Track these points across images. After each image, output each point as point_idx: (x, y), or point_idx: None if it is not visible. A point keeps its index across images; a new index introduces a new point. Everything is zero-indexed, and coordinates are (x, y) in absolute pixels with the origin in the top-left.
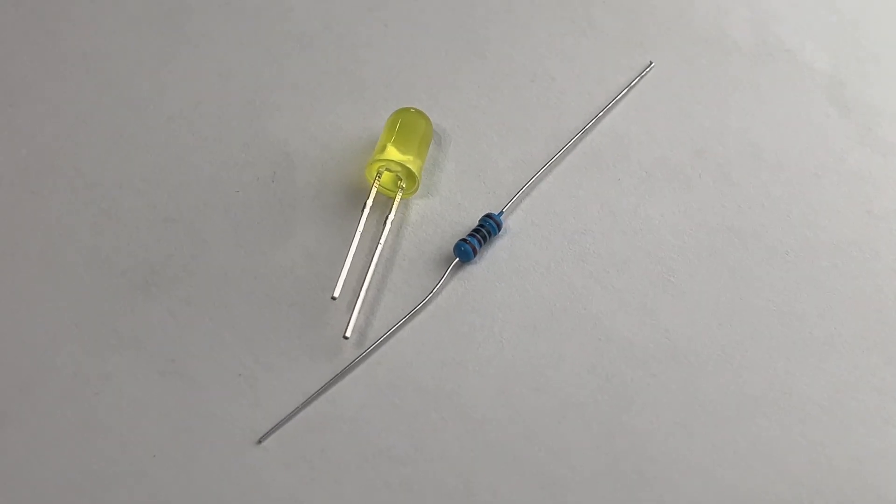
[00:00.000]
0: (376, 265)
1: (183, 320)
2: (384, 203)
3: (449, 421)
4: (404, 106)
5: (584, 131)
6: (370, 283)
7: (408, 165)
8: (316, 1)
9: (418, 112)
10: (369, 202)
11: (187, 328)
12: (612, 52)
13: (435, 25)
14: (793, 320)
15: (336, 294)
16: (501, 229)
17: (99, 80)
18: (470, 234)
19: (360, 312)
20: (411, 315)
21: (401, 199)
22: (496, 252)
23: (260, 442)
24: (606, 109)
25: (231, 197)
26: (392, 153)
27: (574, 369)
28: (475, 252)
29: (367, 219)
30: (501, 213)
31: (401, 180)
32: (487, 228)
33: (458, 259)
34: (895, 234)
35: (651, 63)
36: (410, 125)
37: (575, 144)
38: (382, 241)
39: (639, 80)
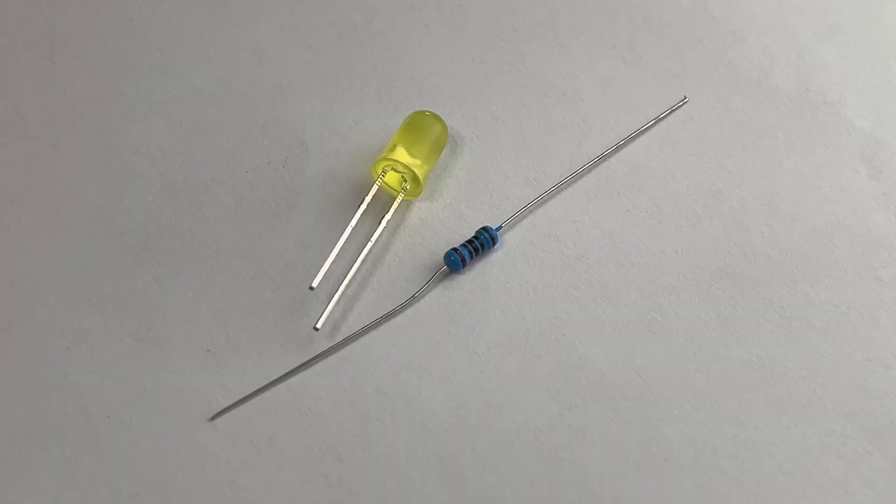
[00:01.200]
0: (362, 262)
1: (166, 289)
2: (387, 201)
3: (401, 427)
4: (427, 108)
5: (602, 158)
6: (353, 278)
7: (413, 169)
8: None
9: (434, 116)
10: (368, 198)
11: (168, 297)
12: (648, 81)
13: (476, 33)
14: (773, 377)
15: (314, 284)
16: (496, 244)
17: (138, 46)
18: (462, 245)
19: (337, 306)
20: (387, 316)
21: (403, 200)
22: (488, 265)
23: (212, 419)
24: (629, 139)
25: (239, 176)
26: (400, 154)
27: (538, 393)
28: (464, 263)
29: (366, 216)
30: (500, 227)
31: (405, 182)
32: (481, 241)
33: (446, 267)
34: None
35: (685, 98)
36: (424, 128)
37: (590, 169)
38: (374, 239)
39: (669, 113)
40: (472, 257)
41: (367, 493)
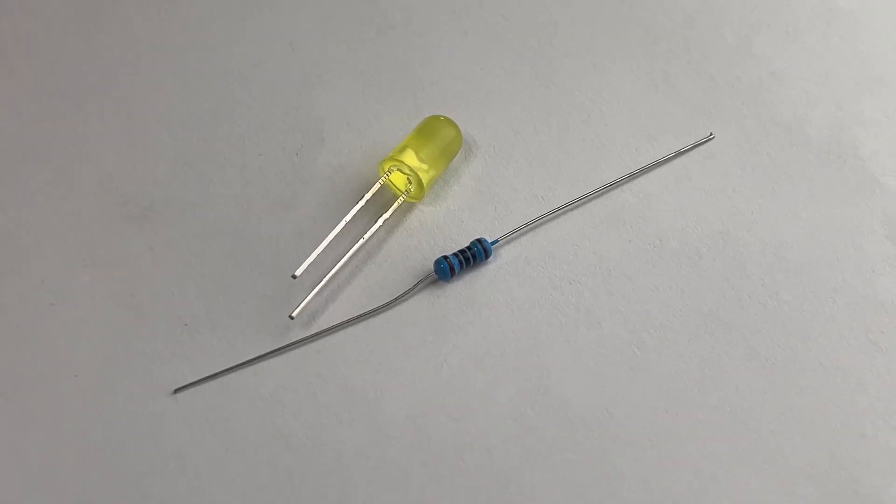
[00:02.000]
0: (350, 258)
1: (158, 259)
2: (391, 201)
3: (357, 426)
4: (450, 113)
5: (614, 185)
6: (339, 273)
7: (418, 173)
8: None
9: (449, 122)
10: (368, 195)
11: (158, 268)
12: (677, 113)
13: (512, 44)
14: (742, 428)
15: (297, 273)
16: (489, 257)
17: (181, 20)
18: (454, 254)
19: (319, 299)
20: (367, 315)
21: (405, 202)
22: (477, 277)
23: (175, 392)
24: (645, 169)
25: (252, 159)
26: (408, 156)
27: (499, 411)
28: (453, 272)
29: (367, 214)
30: (496, 241)
31: (410, 184)
32: (473, 252)
33: (434, 274)
34: (891, 372)
35: (711, 134)
36: (437, 134)
37: (600, 195)
38: (366, 236)
39: (692, 147)
40: (461, 268)
41: (308, 486)
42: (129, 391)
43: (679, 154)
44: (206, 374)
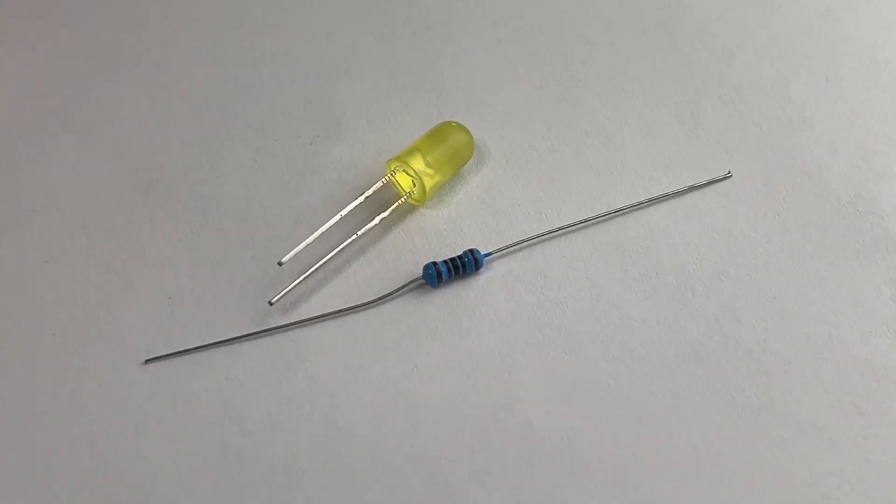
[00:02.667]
0: (340, 251)
1: (156, 231)
2: (394, 199)
3: (315, 419)
4: (471, 121)
5: (620, 212)
6: (327, 265)
7: (422, 176)
8: None
9: (462, 130)
10: (369, 192)
11: (154, 239)
12: (698, 147)
13: (544, 59)
14: (704, 472)
15: (283, 260)
16: (480, 268)
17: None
18: (445, 261)
19: (304, 289)
20: (347, 311)
21: (407, 204)
22: (467, 287)
23: (145, 363)
24: (656, 199)
25: (267, 143)
26: (415, 158)
27: (459, 425)
28: (440, 279)
29: (368, 211)
30: (489, 254)
31: (414, 186)
32: (464, 262)
33: (422, 278)
34: (867, 438)
35: (729, 173)
36: (448, 140)
37: (604, 220)
38: (360, 232)
39: (707, 184)
40: (450, 275)
41: (255, 472)
42: (102, 356)
43: (693, 189)
44: (179, 349)
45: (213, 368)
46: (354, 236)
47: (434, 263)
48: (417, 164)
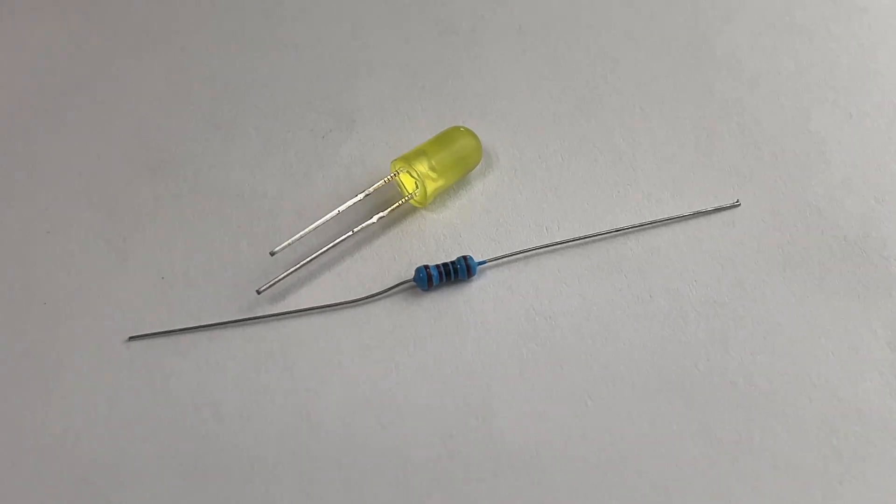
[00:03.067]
0: (333, 247)
1: (159, 211)
2: (397, 200)
3: (287, 411)
4: (485, 127)
5: (622, 231)
6: (320, 259)
7: (424, 179)
8: (479, 3)
9: (470, 136)
10: (369, 190)
11: (156, 218)
12: (710, 173)
13: (566, 72)
14: (667, 501)
15: (275, 250)
16: (472, 276)
17: None
18: (436, 266)
19: (293, 280)
20: (334, 306)
21: (409, 205)
22: (458, 293)
23: (129, 339)
24: (660, 222)
25: (279, 134)
26: (419, 161)
27: (431, 430)
28: (430, 283)
29: (371, 208)
30: (483, 262)
31: (417, 188)
32: (456, 268)
33: (413, 281)
34: (842, 482)
35: (737, 201)
36: (455, 145)
37: (606, 238)
38: (356, 229)
39: (713, 211)
40: (441, 280)
41: (221, 457)
42: (88, 329)
43: (698, 214)
44: (164, 329)
45: (195, 352)
46: (350, 233)
47: (426, 267)
48: (421, 166)
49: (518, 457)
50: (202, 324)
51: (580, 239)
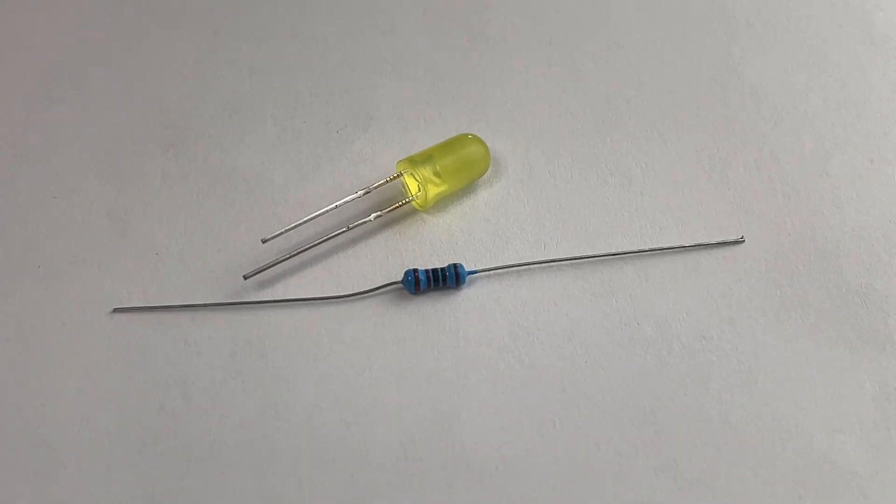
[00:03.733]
0: (328, 241)
1: (165, 187)
2: (400, 199)
3: (255, 398)
4: (499, 137)
5: (621, 255)
6: (312, 252)
7: (427, 184)
8: (513, 12)
9: (479, 143)
10: (370, 187)
11: (161, 194)
12: (718, 206)
13: (589, 89)
14: None
15: (267, 238)
16: (462, 284)
17: None
18: (426, 270)
19: (282, 270)
20: (318, 301)
21: (410, 207)
22: (444, 299)
23: (114, 311)
24: (660, 250)
25: (295, 123)
26: (424, 164)
27: (393, 432)
28: (417, 288)
29: (373, 207)
30: (474, 272)
31: (419, 191)
32: (445, 275)
33: (401, 283)
34: None
35: (742, 238)
36: (460, 151)
37: (602, 261)
38: (351, 226)
39: (716, 245)
40: (429, 285)
41: (180, 435)
42: (76, 296)
43: (700, 247)
44: (149, 305)
45: (175, 330)
46: (345, 228)
47: (415, 270)
48: (425, 170)
49: (475, 470)
50: (187, 303)
51: (576, 259)
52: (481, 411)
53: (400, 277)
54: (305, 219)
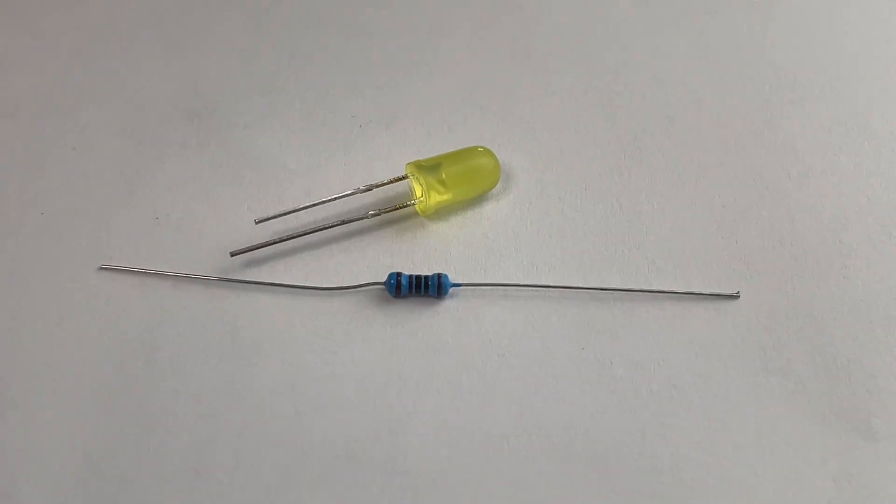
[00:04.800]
0: (317, 229)
1: (180, 155)
2: (404, 199)
3: (216, 372)
4: (517, 155)
5: (611, 291)
6: (306, 241)
7: (429, 190)
8: (561, 34)
9: (489, 157)
10: (373, 183)
11: (174, 161)
12: (721, 257)
13: (618, 119)
14: None
15: (259, 219)
16: (443, 294)
17: None
18: (409, 276)
19: (275, 254)
20: (298, 288)
21: (411, 211)
22: (423, 307)
23: (100, 268)
24: (651, 292)
25: (321, 112)
26: (430, 171)
27: (340, 428)
28: (398, 291)
29: (372, 204)
30: (458, 285)
31: (423, 196)
32: (427, 283)
33: (383, 284)
34: None
35: (737, 293)
36: (469, 163)
37: (592, 295)
38: (346, 220)
39: (709, 296)
40: (410, 291)
41: (134, 396)
42: (70, 246)
43: (693, 295)
44: (136, 267)
45: (154, 295)
46: (340, 222)
47: (398, 274)
48: (430, 176)
49: (413, 478)
50: (172, 271)
51: (566, 288)
52: (433, 423)
53: (383, 278)
54: (302, 206)
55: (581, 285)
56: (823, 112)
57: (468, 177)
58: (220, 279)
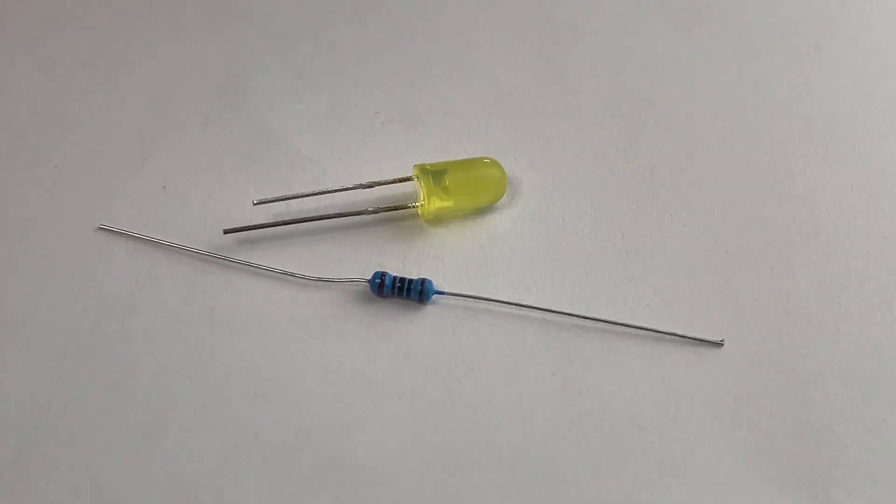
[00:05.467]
0: (311, 219)
1: (201, 128)
2: (408, 199)
3: (186, 349)
4: (528, 175)
5: (594, 321)
6: (301, 228)
7: (430, 195)
8: (600, 56)
9: (496, 169)
10: (376, 182)
11: (194, 134)
12: (714, 301)
13: (639, 149)
14: None
15: (256, 201)
16: (425, 300)
17: None
18: (394, 277)
19: (267, 236)
20: (284, 274)
21: (412, 213)
22: (403, 310)
23: (99, 228)
24: (634, 327)
25: (346, 104)
26: (434, 175)
27: (290, 420)
28: (380, 291)
29: (374, 201)
30: (441, 293)
31: (424, 200)
32: (410, 287)
33: (367, 282)
34: None
35: (722, 341)
36: (475, 172)
37: (574, 322)
38: (343, 214)
39: (693, 340)
40: (392, 293)
41: (103, 359)
42: (75, 202)
43: (676, 336)
44: (133, 231)
45: (143, 262)
46: (338, 214)
47: (383, 274)
48: (434, 181)
49: (356, 478)
50: (167, 241)
51: (549, 311)
52: (387, 425)
53: (368, 276)
54: (302, 193)
55: (566, 310)
56: (849, 169)
57: (472, 186)
58: (210, 254)
